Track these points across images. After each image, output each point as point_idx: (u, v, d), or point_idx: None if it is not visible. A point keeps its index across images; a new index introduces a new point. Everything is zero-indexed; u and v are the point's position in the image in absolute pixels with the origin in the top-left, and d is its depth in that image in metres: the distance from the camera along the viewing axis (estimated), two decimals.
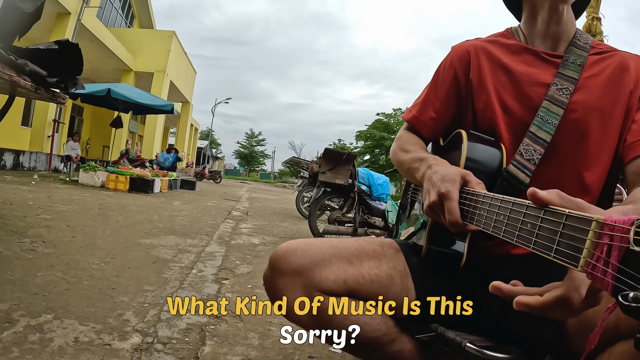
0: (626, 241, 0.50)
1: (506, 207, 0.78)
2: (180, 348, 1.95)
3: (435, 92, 1.41)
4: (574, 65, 1.23)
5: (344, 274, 1.15)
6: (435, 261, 1.22)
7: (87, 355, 1.76)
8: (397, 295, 1.18)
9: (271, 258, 1.18)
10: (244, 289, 3.12)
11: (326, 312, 1.10)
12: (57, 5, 12.91)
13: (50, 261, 3.12)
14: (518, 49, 1.33)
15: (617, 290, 0.50)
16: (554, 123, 1.19)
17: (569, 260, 0.58)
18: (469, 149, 1.18)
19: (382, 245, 1.28)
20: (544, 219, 0.66)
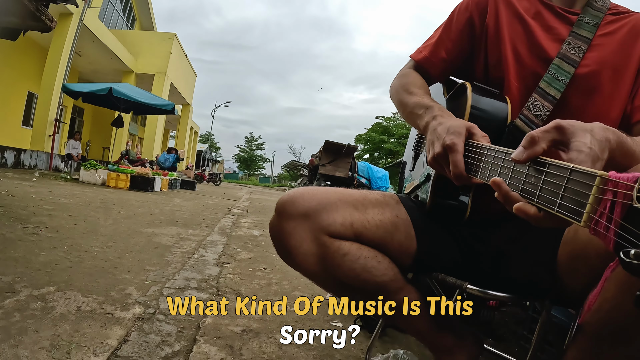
0: (629, 198, 0.50)
1: (511, 161, 0.77)
2: (181, 319, 1.95)
3: (448, 34, 1.39)
4: (589, 25, 1.24)
5: (350, 217, 1.15)
6: (440, 214, 1.22)
7: (88, 322, 1.76)
8: (401, 242, 1.19)
9: (278, 204, 1.18)
10: (245, 271, 3.12)
11: (335, 256, 1.11)
12: (60, 6, 12.91)
13: (53, 243, 3.13)
14: (535, 2, 1.32)
15: (618, 246, 0.50)
16: (564, 81, 1.19)
17: (572, 215, 0.58)
18: (474, 100, 1.18)
19: (384, 196, 1.29)
20: (548, 172, 0.66)
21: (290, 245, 1.13)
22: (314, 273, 1.16)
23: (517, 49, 1.27)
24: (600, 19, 1.25)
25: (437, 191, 1.20)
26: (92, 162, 11.16)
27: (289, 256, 1.15)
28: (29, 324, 1.67)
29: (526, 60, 1.26)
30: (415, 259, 1.21)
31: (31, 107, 15.87)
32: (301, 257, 1.13)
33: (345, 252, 1.12)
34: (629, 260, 0.47)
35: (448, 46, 1.38)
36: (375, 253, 1.16)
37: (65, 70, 13.93)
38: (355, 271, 1.12)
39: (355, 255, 1.12)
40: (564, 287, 1.00)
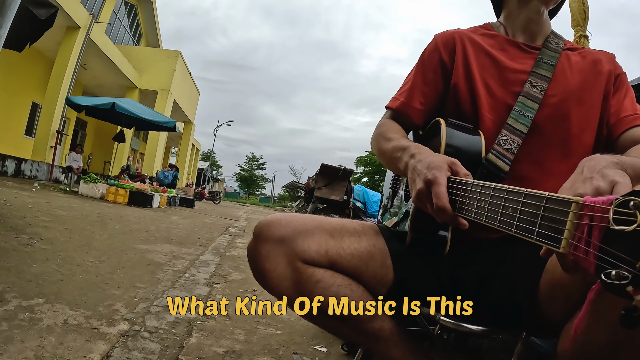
0: (606, 221, 0.51)
1: (487, 193, 0.80)
2: (166, 337, 1.98)
3: (422, 77, 1.43)
4: (547, 65, 1.33)
5: (325, 245, 1.17)
6: (420, 249, 1.24)
7: (74, 336, 1.79)
8: (376, 271, 1.21)
9: (256, 227, 1.21)
10: (234, 292, 3.14)
11: (308, 282, 1.13)
12: (67, 19, 13.13)
13: (46, 255, 3.16)
14: (500, 39, 1.42)
15: (599, 269, 0.51)
16: (529, 116, 1.26)
17: (551, 242, 0.60)
18: (448, 136, 1.21)
19: (363, 226, 1.32)
20: (524, 202, 0.68)
21: (265, 268, 1.15)
22: (287, 295, 1.17)
23: (487, 83, 1.34)
24: (556, 58, 1.34)
25: (416, 227, 1.23)
26: (92, 176, 11.20)
27: (263, 279, 1.17)
28: (16, 333, 1.70)
29: (497, 93, 1.32)
30: (390, 288, 1.22)
31: (34, 118, 15.96)
32: (275, 281, 1.15)
33: (318, 279, 1.14)
34: (610, 281, 0.48)
35: (424, 90, 1.42)
36: (349, 281, 1.17)
37: (70, 83, 14.05)
38: (327, 298, 1.14)
39: (327, 282, 1.14)
40: (542, 316, 1.01)
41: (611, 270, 0.48)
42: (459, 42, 1.40)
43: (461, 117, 1.32)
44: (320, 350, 2.16)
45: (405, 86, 1.46)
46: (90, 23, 14.31)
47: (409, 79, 1.47)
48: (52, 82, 13.86)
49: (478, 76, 1.34)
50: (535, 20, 1.39)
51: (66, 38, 13.97)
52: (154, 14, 24.98)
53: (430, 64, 1.43)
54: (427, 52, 1.45)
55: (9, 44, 4.58)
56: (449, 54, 1.40)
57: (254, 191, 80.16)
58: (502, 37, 1.43)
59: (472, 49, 1.39)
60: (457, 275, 1.23)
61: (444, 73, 1.40)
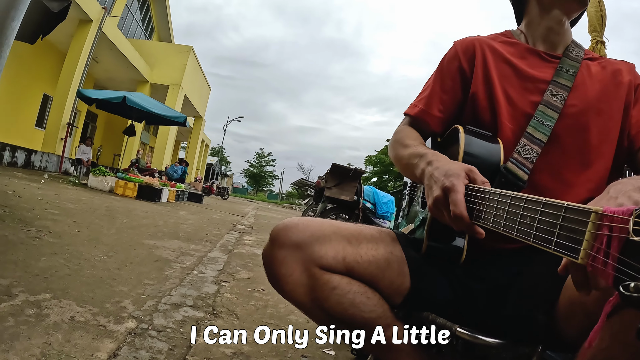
0: (625, 232, 0.50)
1: (504, 202, 0.79)
2: (174, 336, 1.96)
3: (441, 84, 1.42)
4: (567, 74, 1.31)
5: (343, 251, 1.16)
6: (435, 257, 1.23)
7: (80, 333, 1.77)
8: (393, 279, 1.19)
9: (272, 231, 1.19)
10: (242, 291, 3.12)
11: (324, 289, 1.12)
12: (80, 12, 13.18)
13: (54, 249, 3.15)
14: (520, 48, 1.40)
15: (617, 281, 0.50)
16: (549, 125, 1.24)
17: (569, 253, 0.58)
18: (467, 143, 1.19)
19: (380, 232, 1.29)
20: (543, 212, 0.66)
21: (281, 273, 1.14)
22: (301, 303, 1.17)
23: (507, 91, 1.32)
24: (577, 68, 1.32)
25: (432, 235, 1.21)
26: (101, 169, 11.23)
27: (279, 284, 1.16)
28: (22, 329, 1.68)
29: (517, 102, 1.30)
30: (406, 297, 1.21)
31: (45, 109, 16.04)
32: (290, 287, 1.14)
33: (334, 286, 1.13)
34: (628, 293, 0.47)
35: (443, 97, 1.40)
36: (366, 289, 1.16)
37: (81, 76, 14.10)
38: (342, 305, 1.13)
39: (344, 289, 1.13)
40: (559, 332, 0.99)
41: (630, 282, 0.48)
42: (478, 49, 1.39)
43: (480, 126, 1.30)
44: (328, 353, 2.13)
45: (424, 93, 1.45)
46: (102, 17, 14.35)
47: (428, 85, 1.46)
48: (64, 75, 13.91)
49: (498, 84, 1.33)
50: (556, 30, 1.38)
51: (78, 31, 14.01)
52: (166, 9, 25.06)
53: (449, 71, 1.42)
54: (447, 59, 1.44)
55: (22, 36, 4.58)
56: (468, 62, 1.39)
57: (262, 188, 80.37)
58: (522, 46, 1.41)
59: (492, 56, 1.38)
60: (471, 285, 1.21)
61: (463, 81, 1.39)
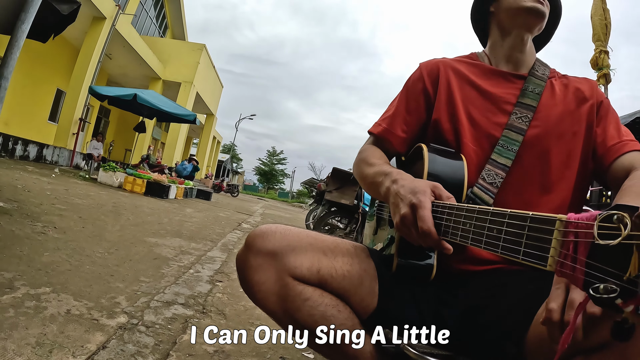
0: (591, 236, 0.52)
1: (471, 215, 0.81)
2: (161, 333, 2.09)
3: (406, 105, 1.44)
4: (533, 93, 1.34)
5: (318, 263, 1.17)
6: (406, 275, 1.23)
7: (74, 325, 1.92)
8: (363, 297, 1.20)
9: (248, 237, 1.20)
10: (235, 291, 3.23)
11: (296, 300, 1.13)
12: (94, 9, 13.40)
13: (57, 245, 3.31)
14: (484, 69, 1.43)
15: (587, 284, 0.52)
16: (513, 149, 1.27)
17: (537, 261, 0.60)
18: (430, 160, 1.21)
19: (355, 247, 1.31)
20: (509, 223, 0.68)
21: (254, 280, 1.15)
22: (272, 311, 1.18)
23: (470, 113, 1.35)
24: (542, 87, 1.36)
25: (402, 253, 1.22)
26: (111, 164, 11.42)
27: (251, 291, 1.18)
28: (21, 320, 1.83)
29: (480, 124, 1.33)
30: (371, 315, 1.21)
31: (59, 104, 16.29)
32: (262, 294, 1.15)
33: (306, 297, 1.13)
34: (599, 295, 0.49)
35: (406, 118, 1.43)
36: (337, 302, 1.17)
37: (94, 72, 14.34)
38: (313, 317, 1.13)
39: (316, 301, 1.14)
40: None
41: (599, 284, 0.50)
42: (442, 71, 1.42)
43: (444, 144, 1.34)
44: (307, 356, 2.24)
45: (389, 112, 1.48)
46: (116, 14, 14.58)
47: (393, 105, 1.49)
48: (77, 70, 14.16)
49: (461, 106, 1.36)
50: (519, 49, 1.40)
51: (92, 28, 14.25)
52: (180, 7, 25.25)
53: (413, 92, 1.44)
54: (412, 80, 1.47)
55: (33, 35, 4.74)
56: (432, 84, 1.42)
57: (273, 185, 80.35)
58: (486, 67, 1.44)
59: (456, 78, 1.41)
60: (440, 309, 1.21)
61: (427, 102, 1.42)
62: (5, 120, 12.72)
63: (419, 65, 1.49)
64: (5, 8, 4.26)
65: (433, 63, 1.46)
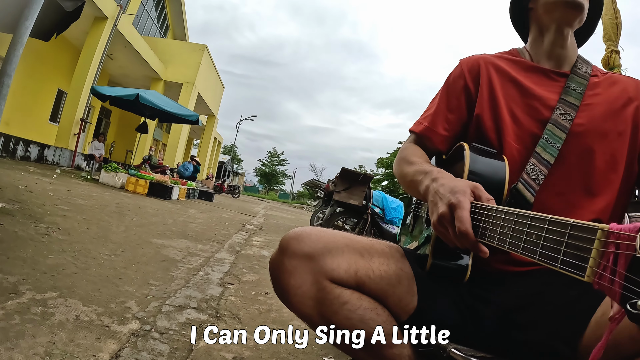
0: (632, 249, 0.50)
1: (510, 219, 0.78)
2: (176, 339, 1.98)
3: (447, 103, 1.41)
4: (575, 92, 1.29)
5: (355, 264, 1.14)
6: (439, 275, 1.21)
7: (84, 333, 1.80)
8: (402, 296, 1.17)
9: (282, 240, 1.17)
10: (247, 294, 3.13)
11: (334, 303, 1.10)
12: (95, 9, 13.34)
13: (62, 246, 3.19)
14: (526, 66, 1.39)
15: (625, 298, 0.50)
16: (557, 146, 1.22)
17: (575, 271, 0.58)
18: (472, 160, 1.18)
19: (390, 247, 1.27)
20: (549, 229, 0.65)
21: (290, 284, 1.11)
22: (308, 315, 1.13)
23: (513, 111, 1.31)
24: (585, 86, 1.30)
25: (437, 252, 1.19)
26: (113, 165, 11.33)
27: (286, 295, 1.13)
28: (28, 328, 1.72)
29: (523, 122, 1.29)
30: (412, 316, 1.18)
31: (60, 105, 16.24)
32: (298, 298, 1.11)
33: (345, 301, 1.10)
34: (636, 311, 0.47)
35: (448, 116, 1.40)
36: (375, 305, 1.14)
37: (95, 72, 14.28)
38: (351, 321, 1.09)
39: (354, 305, 1.11)
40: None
41: (637, 300, 0.48)
42: (484, 68, 1.39)
43: (485, 145, 1.29)
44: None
45: (430, 110, 1.45)
46: (117, 14, 14.53)
47: (434, 103, 1.45)
48: (79, 71, 14.09)
49: (504, 104, 1.32)
50: (559, 44, 1.35)
51: (93, 28, 14.20)
52: (181, 7, 25.26)
53: (454, 89, 1.41)
54: (452, 78, 1.44)
55: (36, 34, 4.65)
56: (473, 81, 1.39)
57: (274, 187, 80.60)
58: (528, 64, 1.40)
59: (497, 75, 1.37)
60: (477, 307, 1.19)
61: (468, 100, 1.39)
62: (6, 120, 12.62)
63: (459, 62, 1.46)
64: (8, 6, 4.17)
65: (474, 59, 1.43)
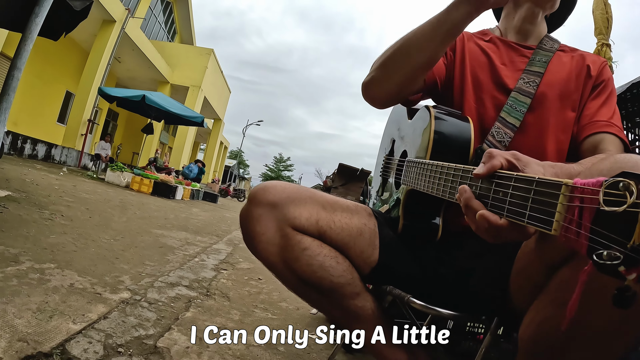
0: (596, 202, 0.52)
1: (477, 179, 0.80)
2: (164, 309, 2.09)
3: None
4: (540, 62, 1.39)
5: (316, 214, 1.20)
6: (412, 236, 1.27)
7: (76, 297, 1.92)
8: (363, 248, 1.23)
9: (251, 192, 1.24)
10: (239, 279, 3.24)
11: (295, 249, 1.16)
12: (104, 12, 13.52)
13: (64, 229, 3.33)
14: (495, 39, 1.50)
15: (591, 250, 0.52)
16: (522, 110, 1.31)
17: (542, 225, 0.60)
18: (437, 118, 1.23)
19: (357, 206, 1.34)
20: (515, 186, 0.68)
21: (255, 231, 1.17)
22: (272, 263, 1.20)
23: (477, 75, 1.41)
24: (549, 57, 1.41)
25: (408, 214, 1.26)
26: (119, 164, 11.49)
27: (252, 242, 1.19)
28: (24, 289, 1.84)
29: (484, 85, 1.39)
30: (374, 269, 1.23)
31: (67, 106, 16.39)
32: (263, 245, 1.17)
33: (305, 247, 1.16)
34: (602, 261, 0.49)
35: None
36: (336, 254, 1.19)
37: (103, 74, 14.45)
38: (312, 267, 1.15)
39: (314, 251, 1.16)
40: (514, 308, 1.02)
41: (603, 250, 0.49)
42: (460, 37, 1.49)
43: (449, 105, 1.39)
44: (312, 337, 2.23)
45: None
46: (126, 18, 14.71)
47: None
48: (86, 73, 14.27)
49: (469, 68, 1.42)
50: (529, 20, 1.46)
51: (102, 31, 14.38)
52: (189, 12, 25.37)
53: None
54: None
55: (45, 33, 4.78)
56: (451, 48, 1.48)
57: None
58: (497, 38, 1.50)
59: (470, 44, 1.48)
60: (439, 269, 1.25)
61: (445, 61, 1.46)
62: (14, 121, 12.78)
63: None
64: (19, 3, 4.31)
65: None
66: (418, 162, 1.20)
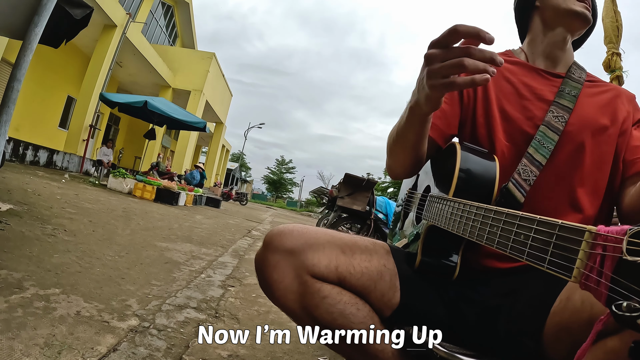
0: (619, 251, 0.50)
1: (499, 218, 0.78)
2: (173, 336, 2.02)
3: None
4: (569, 95, 1.31)
5: (336, 260, 1.15)
6: (428, 272, 1.23)
7: (84, 327, 1.85)
8: (384, 291, 1.19)
9: (266, 236, 1.19)
10: (247, 296, 3.17)
11: (314, 297, 1.12)
12: (105, 17, 13.52)
13: (67, 247, 3.26)
14: (520, 65, 1.41)
15: (610, 300, 0.50)
16: (549, 147, 1.24)
17: (562, 271, 0.58)
18: (463, 159, 1.18)
19: (374, 244, 1.29)
20: (537, 229, 0.66)
21: (272, 278, 1.13)
22: (291, 310, 1.16)
23: (504, 108, 1.33)
24: (579, 90, 1.33)
25: (426, 250, 1.21)
26: (121, 171, 11.45)
27: (269, 289, 1.15)
28: (29, 320, 1.77)
29: (515, 120, 1.31)
30: (396, 311, 1.20)
31: (69, 111, 16.41)
32: (281, 292, 1.13)
33: (325, 295, 1.12)
34: (621, 312, 0.47)
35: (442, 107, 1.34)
36: (356, 300, 1.16)
37: (105, 79, 14.45)
38: (332, 315, 1.12)
39: (334, 299, 1.12)
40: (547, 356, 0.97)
41: (622, 302, 0.48)
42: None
43: (477, 142, 1.31)
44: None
45: None
46: (127, 22, 14.71)
47: None
48: (88, 78, 14.26)
49: (495, 101, 1.34)
50: (559, 46, 1.39)
51: (103, 36, 14.38)
52: (190, 16, 25.43)
53: None
54: None
55: (46, 40, 4.74)
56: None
57: (282, 194, 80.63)
58: (522, 63, 1.42)
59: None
60: (462, 307, 1.20)
61: (460, 95, 1.40)
62: (16, 126, 12.77)
63: None
64: (18, 12, 4.25)
65: None
66: (441, 197, 1.15)
